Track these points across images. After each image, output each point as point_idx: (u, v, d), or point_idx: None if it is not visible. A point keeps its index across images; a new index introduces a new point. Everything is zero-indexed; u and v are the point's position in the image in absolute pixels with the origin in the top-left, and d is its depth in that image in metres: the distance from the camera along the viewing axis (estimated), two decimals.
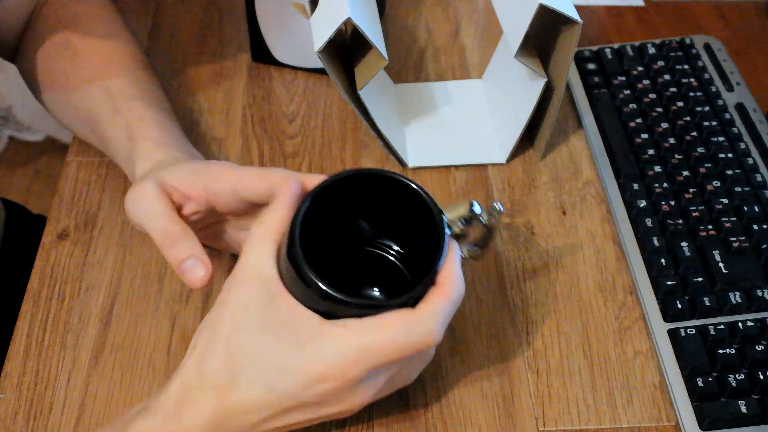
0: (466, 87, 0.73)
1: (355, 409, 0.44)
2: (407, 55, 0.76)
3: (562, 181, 0.65)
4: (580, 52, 0.73)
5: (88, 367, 0.54)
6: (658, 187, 0.62)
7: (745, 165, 0.63)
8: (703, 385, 0.51)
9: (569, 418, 0.52)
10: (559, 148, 0.68)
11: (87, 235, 0.61)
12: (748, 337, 0.53)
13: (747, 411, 0.50)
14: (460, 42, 0.77)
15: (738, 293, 0.55)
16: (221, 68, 0.74)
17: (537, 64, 0.60)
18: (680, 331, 0.54)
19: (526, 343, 0.55)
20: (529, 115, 0.63)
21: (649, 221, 0.60)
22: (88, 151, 0.66)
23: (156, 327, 0.56)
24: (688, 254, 0.57)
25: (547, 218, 0.63)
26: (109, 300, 0.57)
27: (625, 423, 0.52)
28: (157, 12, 0.79)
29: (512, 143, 0.65)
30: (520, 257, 0.60)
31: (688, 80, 0.69)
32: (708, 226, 0.59)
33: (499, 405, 0.52)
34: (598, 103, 0.69)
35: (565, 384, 0.53)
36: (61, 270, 0.59)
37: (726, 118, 0.66)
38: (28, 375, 0.53)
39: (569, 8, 0.56)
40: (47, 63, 0.62)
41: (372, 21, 0.60)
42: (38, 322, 0.56)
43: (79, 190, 0.64)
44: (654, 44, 0.73)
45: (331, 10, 0.57)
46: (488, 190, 0.65)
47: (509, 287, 0.58)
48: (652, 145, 0.65)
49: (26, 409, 0.51)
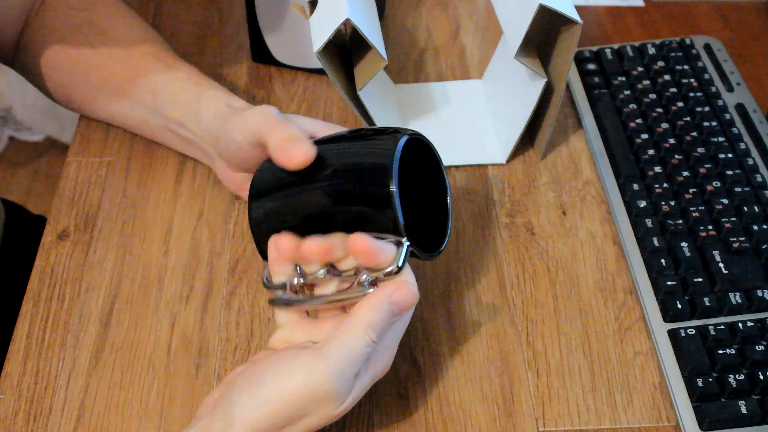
0: (466, 87, 0.73)
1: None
2: (407, 55, 0.76)
3: (562, 181, 0.65)
4: (580, 52, 0.73)
5: (88, 367, 0.54)
6: (658, 188, 0.62)
7: (745, 165, 0.63)
8: (703, 386, 0.51)
9: (569, 419, 0.52)
10: (559, 148, 0.68)
11: (87, 236, 0.61)
12: (748, 338, 0.53)
13: (747, 411, 0.50)
14: (460, 42, 0.77)
15: (738, 293, 0.55)
16: (221, 68, 0.74)
17: (537, 64, 0.60)
18: (680, 331, 0.54)
19: (526, 343, 0.55)
20: (529, 115, 0.63)
21: (649, 221, 0.60)
22: (88, 151, 0.66)
23: (156, 327, 0.56)
24: (688, 254, 0.57)
25: (547, 218, 0.63)
26: (109, 300, 0.57)
27: (625, 423, 0.52)
28: (157, 12, 0.79)
29: (512, 143, 0.65)
30: (520, 257, 0.60)
31: (688, 80, 0.69)
32: (708, 226, 0.59)
33: (499, 405, 0.52)
34: (598, 103, 0.69)
35: (565, 384, 0.53)
36: (61, 270, 0.59)
37: (726, 118, 0.66)
38: (28, 375, 0.53)
39: (569, 8, 0.56)
40: (67, 45, 0.64)
41: (372, 21, 0.60)
42: (38, 322, 0.56)
43: (79, 190, 0.64)
44: (654, 44, 0.73)
45: (330, 11, 0.57)
46: (488, 190, 0.65)
47: (509, 287, 0.58)
48: (652, 146, 0.65)
49: (26, 409, 0.51)
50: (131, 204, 0.63)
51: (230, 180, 0.60)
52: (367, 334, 0.44)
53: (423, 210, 0.50)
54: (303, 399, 0.43)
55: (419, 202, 0.50)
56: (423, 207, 0.50)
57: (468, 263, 0.60)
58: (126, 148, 0.67)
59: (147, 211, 0.62)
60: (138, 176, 0.65)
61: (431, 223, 0.51)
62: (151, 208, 0.63)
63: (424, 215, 0.50)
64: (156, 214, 0.62)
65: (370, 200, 0.47)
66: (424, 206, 0.51)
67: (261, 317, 0.56)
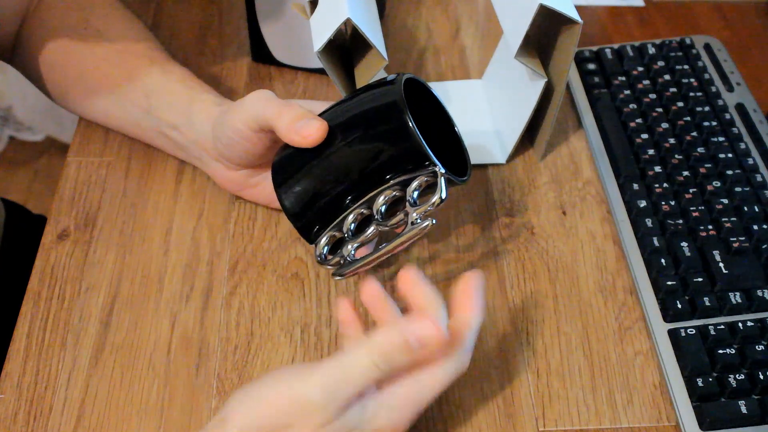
0: (466, 87, 0.73)
1: None
2: (407, 55, 0.76)
3: (562, 181, 0.65)
4: (580, 52, 0.73)
5: (88, 367, 0.54)
6: (658, 187, 0.62)
7: (745, 165, 0.63)
8: (703, 386, 0.51)
9: (569, 419, 0.52)
10: (559, 148, 0.68)
11: (87, 235, 0.61)
12: (748, 338, 0.53)
13: (747, 411, 0.50)
14: (460, 42, 0.77)
15: (738, 293, 0.55)
16: (221, 68, 0.74)
17: (537, 64, 0.60)
18: (680, 331, 0.54)
19: (526, 343, 0.55)
20: (529, 115, 0.63)
21: (649, 221, 0.60)
22: (88, 151, 0.66)
23: (156, 327, 0.56)
24: (688, 254, 0.57)
25: (547, 218, 0.63)
26: (109, 300, 0.57)
27: (625, 423, 0.52)
28: (157, 12, 0.79)
29: (512, 143, 0.65)
30: (520, 257, 0.60)
31: (688, 80, 0.69)
32: (708, 226, 0.59)
33: (499, 405, 0.52)
34: (598, 103, 0.69)
35: (565, 384, 0.53)
36: (61, 270, 0.59)
37: (726, 118, 0.66)
38: (28, 375, 0.53)
39: (569, 8, 0.56)
40: (63, 44, 0.64)
41: (372, 21, 0.60)
42: (38, 322, 0.56)
43: (79, 190, 0.64)
44: (654, 44, 0.73)
45: (331, 11, 0.57)
46: (488, 190, 0.65)
47: (509, 287, 0.58)
48: (652, 146, 0.65)
49: (26, 409, 0.51)
50: (131, 204, 0.63)
51: (228, 180, 0.60)
52: (369, 356, 0.42)
53: (437, 145, 0.51)
54: (288, 403, 0.42)
55: (431, 139, 0.51)
56: (436, 143, 0.51)
57: (468, 263, 0.60)
58: (126, 148, 0.67)
59: (147, 211, 0.62)
60: (138, 176, 0.65)
61: (449, 155, 0.52)
62: (151, 208, 0.63)
63: (440, 150, 0.51)
64: (156, 214, 0.62)
65: (393, 140, 0.49)
66: (437, 142, 0.51)
67: (261, 317, 0.56)
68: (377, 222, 0.50)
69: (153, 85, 0.62)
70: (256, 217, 0.62)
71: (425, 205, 0.48)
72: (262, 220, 0.62)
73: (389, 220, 0.50)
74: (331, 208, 0.52)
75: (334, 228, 0.52)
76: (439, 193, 0.48)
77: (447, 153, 0.51)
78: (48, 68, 0.65)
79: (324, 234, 0.53)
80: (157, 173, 0.65)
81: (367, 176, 0.50)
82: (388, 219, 0.50)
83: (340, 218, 0.52)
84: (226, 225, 0.62)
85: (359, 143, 0.50)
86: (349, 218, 0.51)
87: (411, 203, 0.49)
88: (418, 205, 0.49)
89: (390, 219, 0.50)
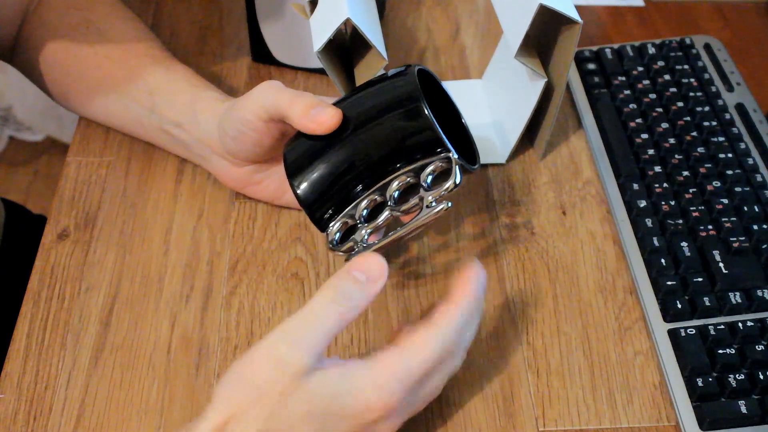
0: (466, 87, 0.73)
1: None
2: (407, 55, 0.76)
3: (562, 181, 0.65)
4: (580, 52, 0.73)
5: (88, 367, 0.54)
6: (658, 187, 0.62)
7: (745, 165, 0.63)
8: (703, 385, 0.51)
9: (569, 419, 0.52)
10: (559, 148, 0.68)
11: (87, 235, 0.61)
12: (748, 338, 0.53)
13: (747, 411, 0.50)
14: (460, 42, 0.77)
15: (738, 293, 0.55)
16: (221, 68, 0.74)
17: (537, 64, 0.60)
18: (680, 331, 0.54)
19: (526, 343, 0.55)
20: (529, 115, 0.63)
21: (649, 221, 0.60)
22: (88, 151, 0.66)
23: (156, 327, 0.56)
24: (688, 254, 0.57)
25: (547, 218, 0.63)
26: (109, 300, 0.57)
27: (625, 423, 0.52)
28: (157, 12, 0.79)
29: (512, 143, 0.65)
30: (520, 257, 0.60)
31: (688, 80, 0.69)
32: (708, 226, 0.59)
33: (499, 405, 0.52)
34: (598, 103, 0.69)
35: (565, 384, 0.53)
36: (61, 270, 0.59)
37: (726, 118, 0.66)
38: (28, 375, 0.53)
39: (569, 8, 0.56)
40: (64, 44, 0.64)
41: (372, 21, 0.60)
42: (38, 322, 0.56)
43: (79, 190, 0.64)
44: (654, 44, 0.73)
45: (331, 11, 0.57)
46: (488, 189, 0.65)
47: (509, 287, 0.58)
48: (652, 145, 0.65)
49: (26, 409, 0.51)
50: (131, 204, 0.63)
51: (232, 178, 0.60)
52: (325, 296, 0.44)
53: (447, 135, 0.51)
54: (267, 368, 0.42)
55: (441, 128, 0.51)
56: (445, 133, 0.51)
57: None
58: (126, 148, 0.67)
59: (147, 211, 0.62)
60: (138, 176, 0.65)
61: (456, 146, 0.52)
62: (151, 208, 0.63)
63: (449, 139, 0.51)
64: (156, 214, 0.62)
65: (408, 127, 0.50)
66: (445, 132, 0.52)
67: (261, 317, 0.56)
68: (391, 207, 0.51)
69: (156, 83, 0.62)
70: (256, 217, 0.62)
71: (439, 189, 0.49)
72: (262, 220, 0.62)
73: (402, 205, 0.51)
74: (344, 195, 0.52)
75: (346, 215, 0.53)
76: (454, 178, 0.49)
77: (454, 144, 0.51)
78: (49, 68, 0.65)
79: (336, 221, 0.53)
80: (157, 173, 0.65)
81: (380, 163, 0.51)
82: (400, 204, 0.51)
83: (352, 205, 0.52)
84: (226, 225, 0.62)
85: (374, 130, 0.51)
86: (362, 204, 0.52)
87: (425, 188, 0.50)
88: (433, 189, 0.50)
89: (403, 204, 0.51)
